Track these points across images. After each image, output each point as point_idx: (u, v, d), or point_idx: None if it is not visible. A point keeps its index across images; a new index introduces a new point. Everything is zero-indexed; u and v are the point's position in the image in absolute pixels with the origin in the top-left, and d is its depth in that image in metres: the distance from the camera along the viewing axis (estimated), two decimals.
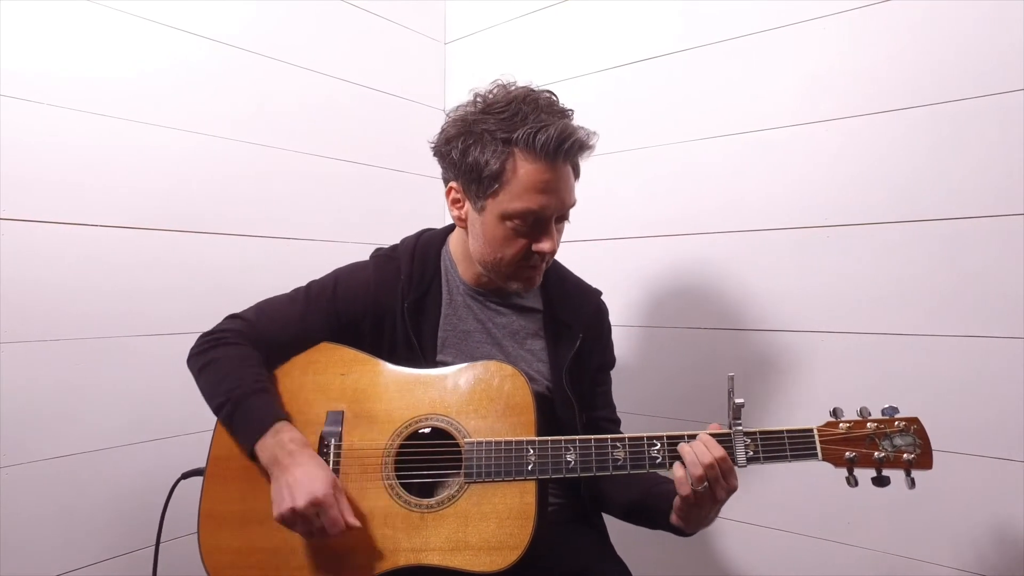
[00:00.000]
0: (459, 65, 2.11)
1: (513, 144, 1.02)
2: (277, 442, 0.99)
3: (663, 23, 1.67)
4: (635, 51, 1.72)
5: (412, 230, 1.27)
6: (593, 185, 1.74)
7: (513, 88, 1.09)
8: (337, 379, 1.09)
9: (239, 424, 1.03)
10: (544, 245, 1.06)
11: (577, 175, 1.12)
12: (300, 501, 0.93)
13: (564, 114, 1.07)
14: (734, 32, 1.56)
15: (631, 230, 1.72)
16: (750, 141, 1.53)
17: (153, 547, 1.15)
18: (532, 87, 1.09)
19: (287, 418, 1.04)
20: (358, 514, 1.00)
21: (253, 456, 1.02)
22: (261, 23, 1.66)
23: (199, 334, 1.14)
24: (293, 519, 0.94)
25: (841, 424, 0.97)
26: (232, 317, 1.16)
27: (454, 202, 1.13)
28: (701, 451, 0.94)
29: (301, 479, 0.94)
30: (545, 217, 1.06)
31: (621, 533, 1.24)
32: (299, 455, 0.98)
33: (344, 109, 1.84)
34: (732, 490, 0.96)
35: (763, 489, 1.50)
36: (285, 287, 1.21)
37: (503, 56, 1.99)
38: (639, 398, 1.65)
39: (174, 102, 1.50)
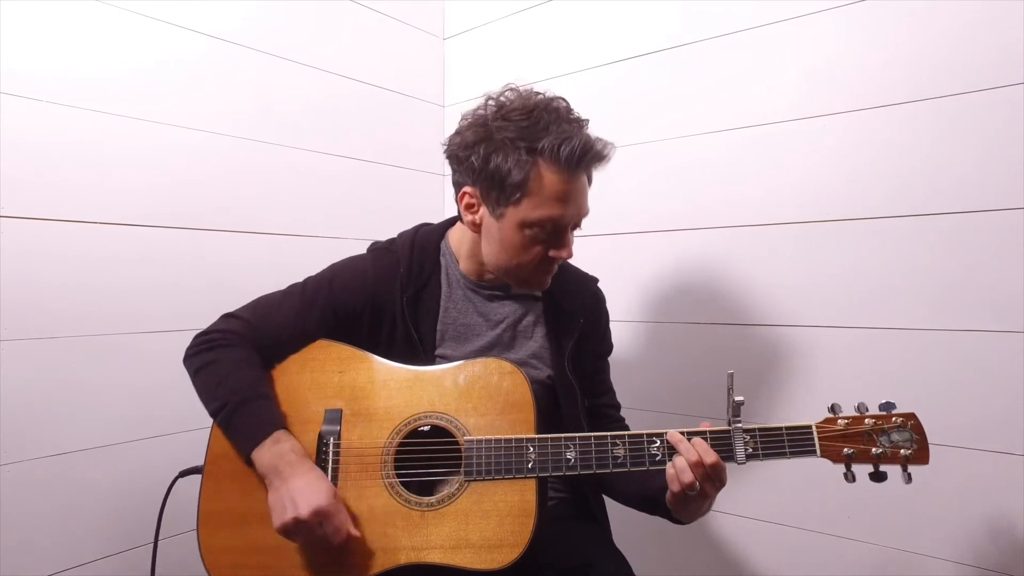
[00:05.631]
0: (458, 61, 2.09)
1: (538, 154, 1.03)
2: (277, 452, 0.98)
3: (661, 18, 1.67)
4: (634, 46, 1.71)
5: (412, 225, 1.26)
6: (593, 181, 1.76)
7: (527, 93, 1.09)
8: (335, 376, 1.09)
9: (238, 429, 1.02)
10: (563, 252, 1.09)
11: (590, 183, 1.13)
12: (304, 511, 0.92)
13: (581, 124, 1.08)
14: (734, 27, 1.55)
15: (631, 225, 1.72)
16: (750, 136, 1.53)
17: (151, 544, 1.14)
18: (546, 94, 1.09)
19: (286, 427, 1.03)
20: (358, 513, 1.00)
21: (249, 463, 1.01)
22: (260, 20, 1.66)
23: (198, 331, 1.13)
24: (296, 529, 0.94)
25: (839, 420, 0.97)
26: (228, 316, 1.14)
27: (468, 207, 1.12)
28: (693, 459, 0.95)
29: (303, 489, 0.94)
30: (563, 225, 1.08)
31: (622, 527, 1.25)
32: (299, 466, 0.97)
33: (343, 105, 1.83)
34: (722, 485, 0.97)
35: (762, 484, 1.51)
36: (284, 283, 1.20)
37: (502, 52, 1.97)
38: (640, 393, 1.66)
39: (173, 99, 1.49)
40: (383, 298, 1.15)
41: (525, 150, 1.03)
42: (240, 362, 1.07)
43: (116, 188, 1.40)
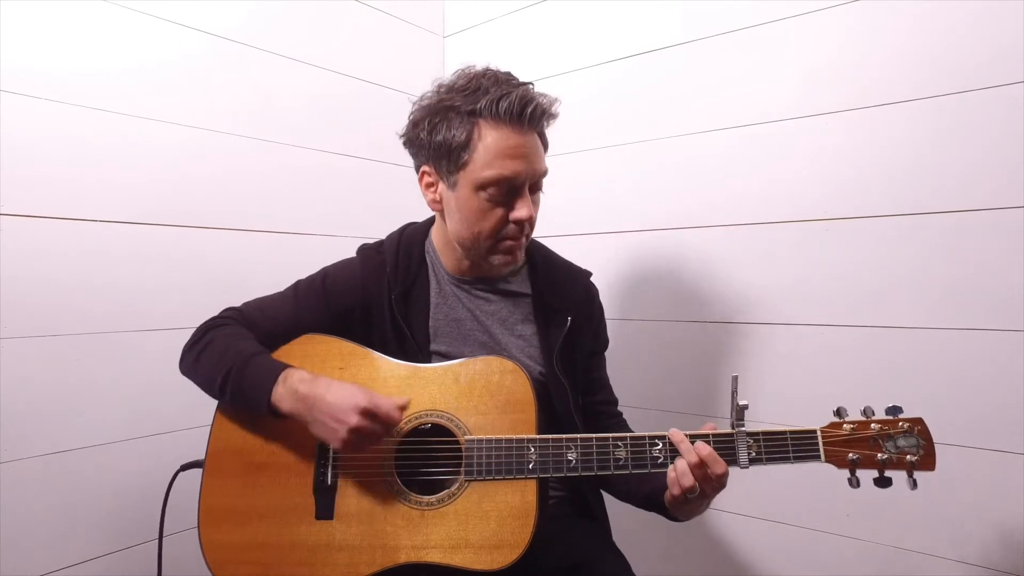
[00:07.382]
0: (458, 59, 2.05)
1: (478, 115, 1.04)
2: (290, 388, 0.99)
3: (662, 17, 1.65)
4: (634, 45, 1.69)
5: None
6: (592, 179, 1.76)
7: (469, 69, 1.10)
8: (335, 373, 1.08)
9: (247, 389, 1.02)
10: (521, 212, 1.06)
11: (545, 146, 1.12)
12: (352, 419, 0.93)
13: (522, 84, 1.08)
14: (733, 25, 1.53)
15: (630, 224, 1.70)
16: (749, 134, 1.51)
17: (156, 541, 1.15)
18: (490, 66, 1.10)
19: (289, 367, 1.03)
20: (358, 511, 1.00)
21: (274, 413, 1.00)
22: (260, 18, 1.64)
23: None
24: (357, 437, 0.94)
25: (845, 425, 0.96)
26: (223, 310, 1.15)
27: (428, 186, 1.13)
28: (694, 461, 0.94)
29: (337, 401, 0.95)
30: (518, 184, 1.06)
31: (621, 526, 1.25)
32: (317, 385, 0.98)
33: (343, 103, 1.82)
34: (722, 487, 0.97)
35: (762, 481, 1.50)
36: (284, 282, 1.20)
37: (502, 50, 1.96)
38: (636, 392, 1.65)
39: (173, 97, 1.48)
40: (372, 297, 1.15)
41: (466, 113, 1.04)
42: (237, 336, 1.08)
43: (115, 186, 1.40)
